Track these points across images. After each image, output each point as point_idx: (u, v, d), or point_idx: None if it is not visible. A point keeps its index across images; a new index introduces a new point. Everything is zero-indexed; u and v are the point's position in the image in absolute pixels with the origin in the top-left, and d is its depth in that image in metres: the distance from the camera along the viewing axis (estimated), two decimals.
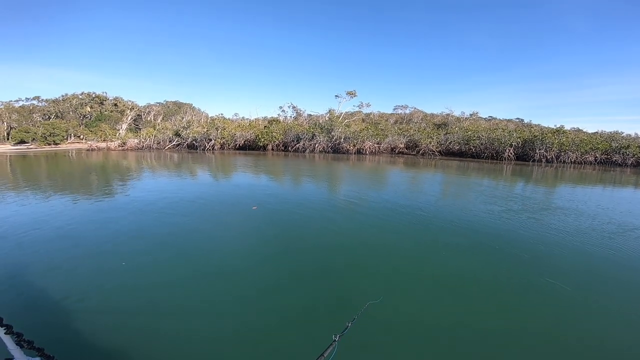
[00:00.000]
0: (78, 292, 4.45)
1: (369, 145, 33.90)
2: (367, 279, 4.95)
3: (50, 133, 44.00)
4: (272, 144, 36.08)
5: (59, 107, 48.21)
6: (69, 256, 5.64)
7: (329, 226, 7.59)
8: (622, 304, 4.40)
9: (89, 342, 3.45)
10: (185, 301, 4.29)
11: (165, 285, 4.68)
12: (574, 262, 5.80)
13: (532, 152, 29.80)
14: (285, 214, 8.69)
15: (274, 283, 4.82)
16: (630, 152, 29.64)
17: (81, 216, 8.18)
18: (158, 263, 5.44)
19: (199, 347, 3.40)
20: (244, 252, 6.03)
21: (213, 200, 10.20)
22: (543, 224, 8.08)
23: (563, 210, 9.79)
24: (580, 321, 4.04)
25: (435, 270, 5.35)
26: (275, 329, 3.75)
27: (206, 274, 5.05)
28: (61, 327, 3.70)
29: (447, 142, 34.01)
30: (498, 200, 11.04)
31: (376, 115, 48.42)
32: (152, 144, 37.92)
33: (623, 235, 7.31)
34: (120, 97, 55.16)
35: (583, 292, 4.73)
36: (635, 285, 4.98)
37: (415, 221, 8.07)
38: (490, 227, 7.66)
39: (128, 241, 6.43)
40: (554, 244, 6.63)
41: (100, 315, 3.93)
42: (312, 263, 5.54)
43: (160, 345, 3.44)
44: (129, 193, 11.54)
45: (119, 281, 4.76)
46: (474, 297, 4.50)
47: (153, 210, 8.72)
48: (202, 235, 6.93)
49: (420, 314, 4.07)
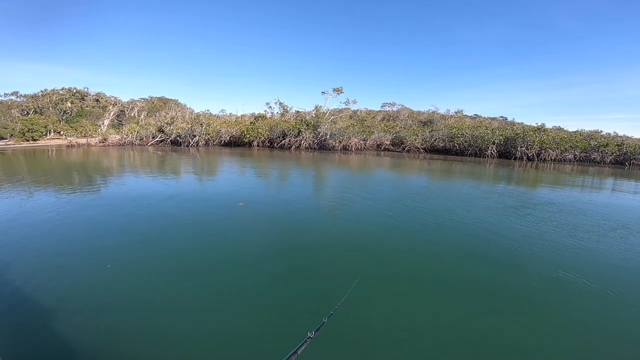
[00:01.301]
0: (61, 291, 4.31)
1: (354, 142, 33.83)
2: (345, 276, 4.84)
3: (29, 129, 42.63)
4: (258, 141, 35.67)
5: (39, 103, 46.62)
6: (51, 255, 5.41)
7: (311, 225, 7.52)
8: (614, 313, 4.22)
9: (71, 344, 3.35)
10: (161, 299, 4.20)
11: (146, 283, 4.60)
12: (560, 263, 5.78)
13: (514, 150, 30.23)
14: (271, 210, 8.58)
15: (254, 280, 4.78)
16: (608, 150, 30.36)
17: (57, 214, 7.82)
18: (140, 262, 5.28)
19: (174, 345, 3.36)
20: (226, 250, 5.91)
21: (195, 197, 9.91)
22: (520, 222, 8.12)
23: (541, 207, 9.88)
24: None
25: (414, 269, 5.31)
26: (252, 326, 3.71)
27: (186, 272, 4.97)
28: (43, 328, 3.57)
29: (432, 139, 34.22)
30: (475, 201, 11.09)
31: (363, 112, 48.41)
32: (134, 140, 37.07)
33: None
34: (103, 92, 53.74)
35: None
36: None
37: (398, 220, 7.97)
38: (472, 227, 7.56)
39: (110, 239, 6.21)
40: (531, 243, 6.59)
41: (83, 315, 3.82)
42: (293, 260, 5.50)
43: (138, 344, 3.36)
44: (105, 191, 11.11)
45: (102, 280, 4.63)
46: (452, 298, 4.44)
47: (132, 208, 8.46)
48: (185, 232, 6.72)
49: (401, 314, 4.03)
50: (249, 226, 7.28)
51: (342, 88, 36.36)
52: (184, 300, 4.18)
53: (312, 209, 8.99)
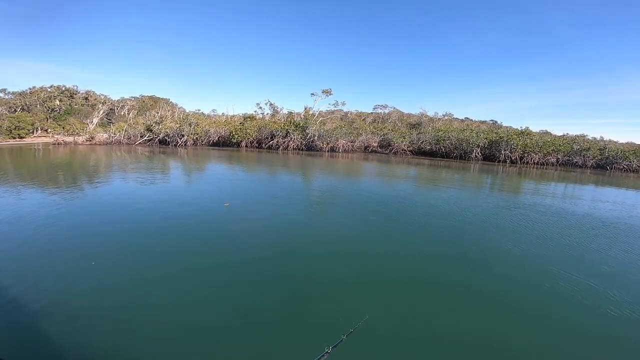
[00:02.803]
0: (44, 294, 4.26)
1: (342, 144, 34.02)
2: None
3: (16, 126, 42.25)
4: (246, 141, 35.71)
5: (26, 100, 46.19)
6: (34, 256, 5.38)
7: (303, 229, 7.51)
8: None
9: (52, 347, 3.33)
10: (148, 303, 4.17)
11: (132, 288, 4.54)
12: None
13: (497, 153, 30.61)
14: (258, 213, 8.64)
15: (237, 285, 4.73)
16: (590, 154, 30.85)
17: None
18: (124, 264, 5.24)
19: (161, 349, 3.35)
20: (213, 252, 5.88)
21: (181, 198, 9.84)
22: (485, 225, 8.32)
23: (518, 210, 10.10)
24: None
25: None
26: (245, 332, 3.68)
27: (169, 276, 4.88)
28: (25, 331, 3.57)
29: (419, 141, 34.54)
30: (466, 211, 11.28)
31: (354, 114, 48.63)
32: (122, 138, 36.87)
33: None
34: (93, 90, 53.39)
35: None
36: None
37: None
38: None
39: (94, 241, 6.19)
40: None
41: (63, 318, 3.80)
42: (276, 265, 5.45)
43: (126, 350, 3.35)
44: (87, 191, 10.96)
45: (85, 284, 4.59)
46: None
47: (108, 214, 8.30)
48: (168, 235, 6.61)
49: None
50: (239, 228, 7.25)
51: (331, 90, 36.57)
52: (171, 304, 4.17)
53: (281, 214, 9.05)
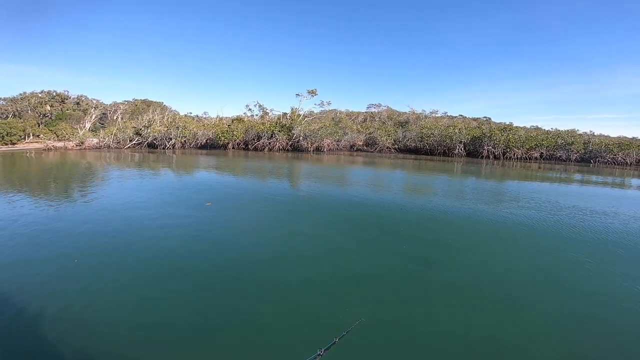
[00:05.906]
0: (34, 298, 4.31)
1: (327, 143, 34.25)
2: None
3: (7, 132, 42.74)
4: (233, 143, 36.02)
5: (17, 106, 46.64)
6: (24, 262, 5.44)
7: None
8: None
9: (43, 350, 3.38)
10: (137, 303, 4.26)
11: (120, 289, 4.59)
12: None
13: (481, 149, 30.79)
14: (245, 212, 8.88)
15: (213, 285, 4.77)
16: (574, 149, 30.97)
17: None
18: (108, 265, 5.31)
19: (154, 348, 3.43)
20: (193, 252, 5.95)
21: (165, 200, 9.96)
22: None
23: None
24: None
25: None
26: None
27: (149, 277, 4.97)
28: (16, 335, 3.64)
29: (405, 139, 34.75)
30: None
31: (344, 113, 48.83)
32: (111, 143, 37.26)
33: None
34: (85, 95, 53.85)
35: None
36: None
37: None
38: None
39: (81, 242, 6.31)
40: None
41: (54, 321, 3.83)
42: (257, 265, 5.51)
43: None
44: (75, 193, 11.17)
45: (72, 286, 4.64)
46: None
47: (104, 210, 8.54)
48: (158, 238, 6.62)
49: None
50: (221, 227, 7.46)
51: (316, 90, 36.76)
52: (160, 305, 4.21)
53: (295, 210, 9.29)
